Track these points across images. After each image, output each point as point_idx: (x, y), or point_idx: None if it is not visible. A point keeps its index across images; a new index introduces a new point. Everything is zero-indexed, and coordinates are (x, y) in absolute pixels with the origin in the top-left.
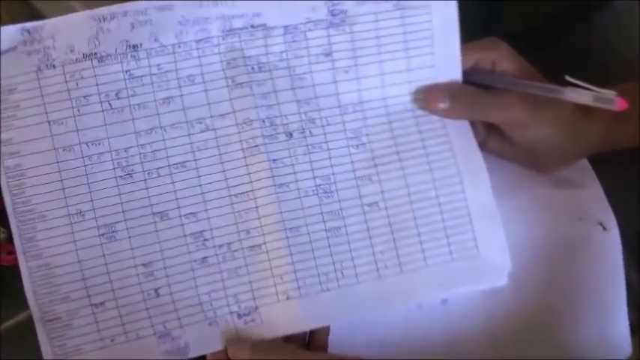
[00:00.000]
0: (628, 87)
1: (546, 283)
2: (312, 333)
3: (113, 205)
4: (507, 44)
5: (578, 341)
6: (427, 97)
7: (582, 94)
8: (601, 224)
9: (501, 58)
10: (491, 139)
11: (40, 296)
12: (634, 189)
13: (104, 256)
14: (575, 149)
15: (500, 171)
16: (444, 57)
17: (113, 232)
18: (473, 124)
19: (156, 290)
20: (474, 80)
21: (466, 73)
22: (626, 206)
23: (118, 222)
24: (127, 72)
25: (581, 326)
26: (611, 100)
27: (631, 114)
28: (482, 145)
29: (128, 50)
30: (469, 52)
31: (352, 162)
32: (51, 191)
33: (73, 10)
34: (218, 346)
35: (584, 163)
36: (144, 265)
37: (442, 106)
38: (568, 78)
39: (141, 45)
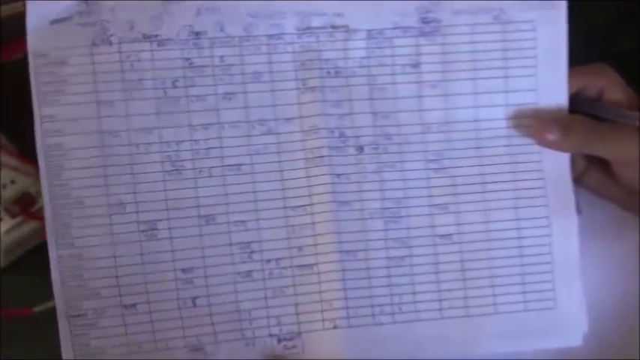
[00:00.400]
0: None
1: (632, 350)
2: None
3: (157, 201)
4: (616, 72)
5: None
6: (535, 124)
7: None
8: None
9: (610, 87)
10: (592, 173)
11: (67, 288)
12: None
13: (142, 255)
14: None
15: (595, 209)
16: (548, 80)
17: (154, 229)
18: (572, 155)
19: (193, 299)
20: (576, 107)
21: (569, 99)
22: None
23: (160, 220)
24: (187, 60)
25: None
26: None
27: None
28: (579, 179)
29: (191, 37)
30: (574, 76)
31: (429, 187)
32: (91, 177)
33: None
34: None
35: None
36: (183, 270)
37: (551, 137)
38: None
39: (205, 33)
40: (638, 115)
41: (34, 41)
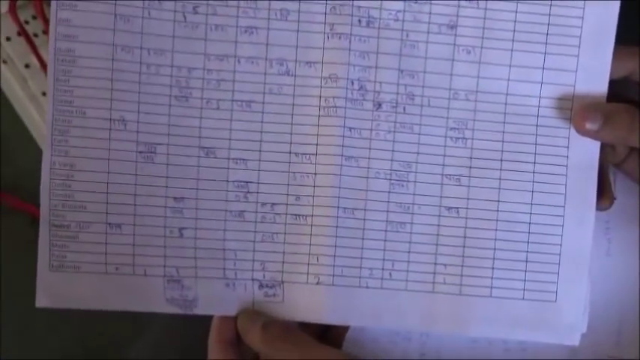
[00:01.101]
0: None
1: None
2: (330, 326)
3: (159, 124)
4: None
5: None
6: (576, 111)
7: None
8: None
9: None
10: (632, 159)
11: (54, 196)
12: None
13: (136, 175)
14: None
15: (631, 196)
16: (590, 63)
17: (152, 152)
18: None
19: (180, 230)
20: (625, 94)
21: (615, 83)
22: None
23: (159, 144)
24: None
25: None
26: None
27: None
28: (619, 164)
29: None
30: (626, 58)
31: (444, 156)
32: (97, 88)
33: None
34: (228, 311)
35: None
36: (175, 199)
37: (591, 126)
38: None
39: None
40: None
41: None
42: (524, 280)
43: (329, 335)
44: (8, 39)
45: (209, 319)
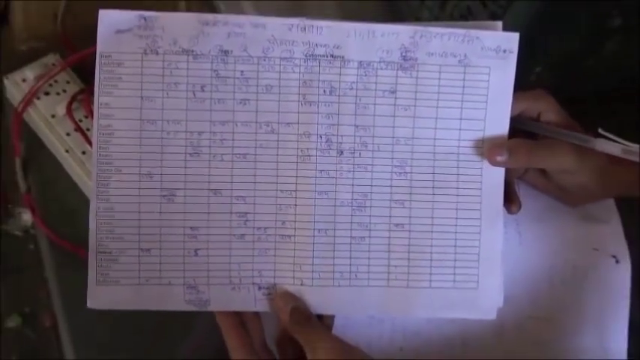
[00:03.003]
0: None
1: (557, 303)
2: (320, 316)
3: (178, 174)
4: (552, 97)
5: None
6: (487, 148)
7: (612, 146)
8: (614, 257)
9: (547, 110)
10: (531, 172)
11: (99, 232)
12: None
13: (160, 212)
14: (604, 192)
15: (533, 198)
16: (494, 113)
17: (172, 195)
18: None
19: (195, 250)
20: (519, 127)
21: (512, 119)
22: None
23: (178, 189)
24: (214, 71)
25: (581, 346)
26: (637, 152)
27: None
28: (522, 177)
29: (220, 54)
30: (519, 100)
31: (391, 186)
32: (130, 152)
33: (245, 11)
34: (235, 308)
35: (610, 201)
36: (191, 227)
37: (500, 158)
38: (601, 131)
39: (231, 52)
40: (569, 133)
41: (102, 44)
42: (454, 274)
43: (322, 321)
44: (68, 134)
45: None
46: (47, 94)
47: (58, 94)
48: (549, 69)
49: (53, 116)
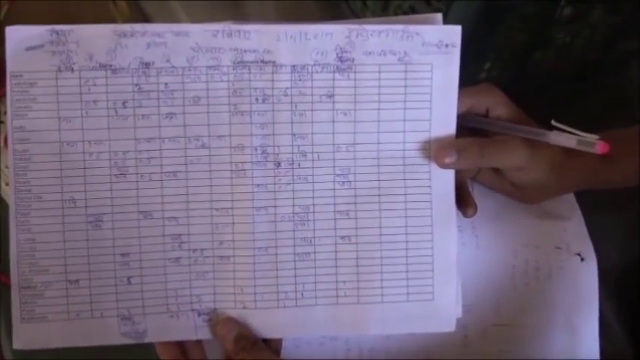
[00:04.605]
0: (616, 132)
1: (523, 307)
2: (266, 340)
3: (104, 198)
4: (501, 91)
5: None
6: (434, 150)
7: (567, 138)
8: (579, 255)
9: (496, 104)
10: (483, 172)
11: (21, 265)
12: (623, 226)
13: (87, 240)
14: (561, 187)
15: (488, 198)
16: (440, 112)
17: (99, 221)
18: None
19: (128, 278)
20: (467, 124)
21: (460, 117)
22: (612, 241)
23: (105, 213)
24: (136, 85)
25: (551, 349)
26: (593, 143)
27: (619, 158)
28: (474, 177)
29: (140, 67)
30: (465, 96)
31: (334, 197)
32: (50, 177)
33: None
34: (175, 337)
35: (570, 197)
36: (122, 254)
37: (449, 160)
38: (554, 123)
39: (153, 63)
40: (521, 127)
41: (12, 63)
42: (407, 286)
43: (269, 345)
44: None
45: None
46: None
47: None
48: (499, 65)
49: None
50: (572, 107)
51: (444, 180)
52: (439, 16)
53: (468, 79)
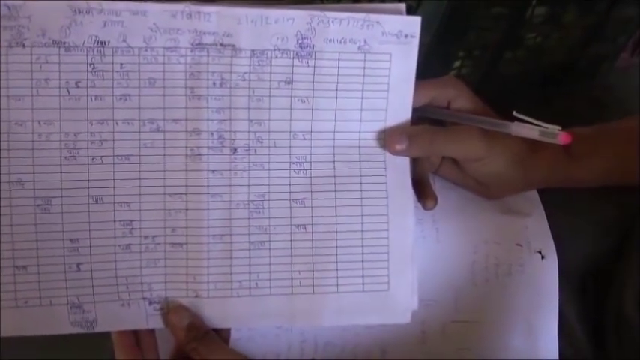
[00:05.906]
0: (582, 130)
1: (482, 304)
2: (216, 329)
3: (53, 181)
4: (464, 83)
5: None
6: (386, 137)
7: (528, 129)
8: (540, 252)
9: (458, 96)
10: (445, 165)
11: None
12: (588, 227)
13: (36, 224)
14: (524, 182)
15: (451, 192)
16: (396, 102)
17: (48, 205)
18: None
19: (78, 265)
20: (429, 115)
21: (421, 109)
22: (577, 242)
23: (54, 197)
24: (90, 64)
25: (510, 348)
26: (555, 134)
27: (585, 155)
28: (436, 171)
29: (95, 45)
30: (426, 88)
31: (290, 185)
32: None
33: None
34: (126, 326)
35: (533, 194)
36: (71, 240)
37: (399, 147)
38: (516, 114)
39: (108, 42)
40: (480, 118)
41: None
42: (363, 276)
43: (218, 335)
44: None
45: None
46: None
47: None
48: (469, 63)
49: None
50: (544, 110)
51: (400, 169)
52: (402, 5)
53: (436, 76)
